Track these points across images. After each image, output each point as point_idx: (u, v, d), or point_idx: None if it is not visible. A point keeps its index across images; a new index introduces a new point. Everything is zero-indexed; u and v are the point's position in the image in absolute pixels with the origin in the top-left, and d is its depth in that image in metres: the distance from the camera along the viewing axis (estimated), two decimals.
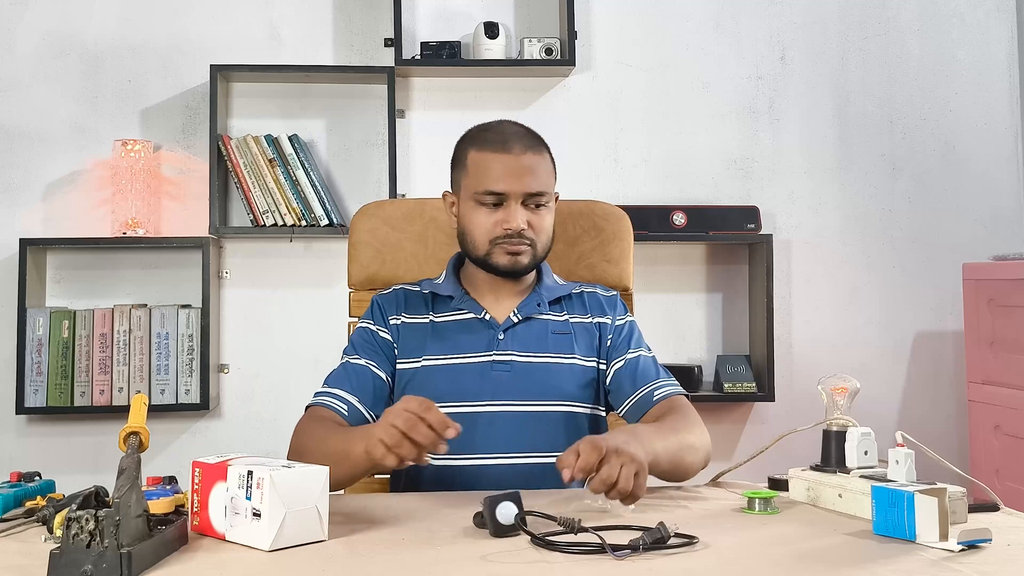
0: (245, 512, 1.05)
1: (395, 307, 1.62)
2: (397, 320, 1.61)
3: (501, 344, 1.56)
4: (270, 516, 1.03)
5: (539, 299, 1.61)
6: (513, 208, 1.53)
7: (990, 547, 1.05)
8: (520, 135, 1.56)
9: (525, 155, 1.53)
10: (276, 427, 2.87)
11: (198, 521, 1.09)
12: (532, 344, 1.58)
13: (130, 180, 2.73)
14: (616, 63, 2.99)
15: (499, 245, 1.54)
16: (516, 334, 1.58)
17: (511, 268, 1.56)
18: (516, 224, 1.52)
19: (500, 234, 1.53)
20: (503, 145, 1.54)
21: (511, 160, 1.53)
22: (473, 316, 1.59)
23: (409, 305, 1.62)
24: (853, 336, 3.02)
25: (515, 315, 1.59)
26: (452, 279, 1.63)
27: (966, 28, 3.08)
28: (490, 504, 1.08)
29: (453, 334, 1.58)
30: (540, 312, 1.60)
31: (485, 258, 1.56)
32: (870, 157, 3.05)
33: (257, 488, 1.04)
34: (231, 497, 1.06)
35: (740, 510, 1.25)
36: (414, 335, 1.59)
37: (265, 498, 1.03)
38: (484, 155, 1.55)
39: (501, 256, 1.55)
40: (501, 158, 1.53)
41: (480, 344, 1.57)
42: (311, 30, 2.92)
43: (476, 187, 1.54)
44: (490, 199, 1.53)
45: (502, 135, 1.56)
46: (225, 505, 1.07)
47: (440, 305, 1.62)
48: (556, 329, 1.60)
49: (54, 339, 2.67)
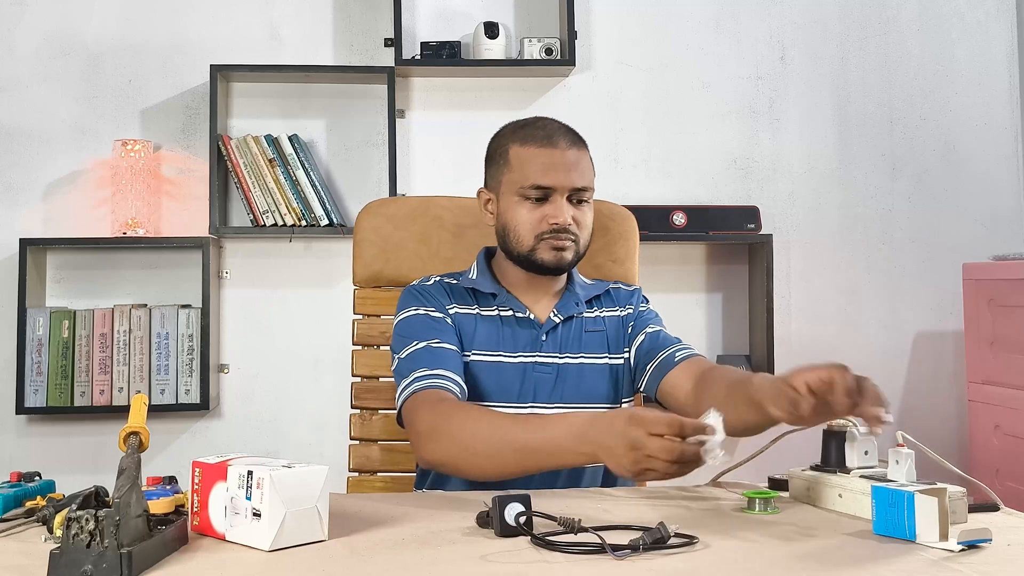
0: (245, 512, 1.04)
1: (446, 296, 1.58)
2: (453, 308, 1.57)
3: (544, 346, 1.56)
4: (270, 516, 1.02)
5: (576, 299, 1.61)
6: (559, 202, 1.51)
7: (990, 547, 1.05)
8: (564, 131, 1.56)
9: (570, 150, 1.53)
10: (276, 427, 2.88)
11: (198, 521, 1.09)
12: (570, 345, 1.58)
13: (130, 180, 2.73)
14: (616, 63, 2.99)
15: (545, 240, 1.52)
16: (556, 335, 1.58)
17: (556, 264, 1.53)
18: (563, 218, 1.51)
19: (546, 229, 1.52)
20: (548, 140, 1.53)
21: (557, 155, 1.52)
22: (517, 314, 1.58)
23: (455, 295, 1.59)
24: (853, 336, 3.01)
25: (555, 315, 1.58)
26: (489, 275, 1.61)
27: (966, 28, 3.09)
28: (499, 504, 1.08)
29: (498, 331, 1.57)
30: (579, 312, 1.60)
31: (529, 254, 1.53)
32: (870, 157, 3.05)
33: (257, 488, 1.03)
34: (231, 497, 1.06)
35: (740, 510, 1.25)
36: (466, 326, 1.56)
37: (265, 498, 1.03)
38: (529, 150, 1.53)
39: (546, 252, 1.52)
40: (547, 152, 1.52)
41: (524, 344, 1.56)
42: (311, 30, 2.92)
43: (521, 182, 1.52)
44: (535, 193, 1.51)
45: (546, 130, 1.55)
46: (225, 505, 1.07)
47: (483, 300, 1.59)
48: (590, 327, 1.60)
49: (54, 339, 2.67)
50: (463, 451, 1.33)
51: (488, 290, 1.59)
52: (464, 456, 1.33)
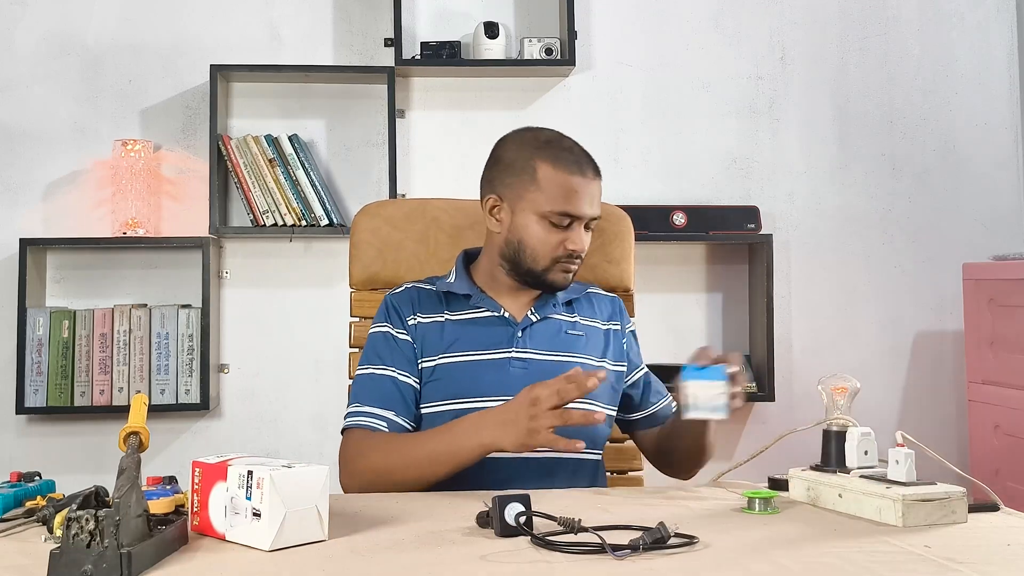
0: (245, 512, 1.04)
1: (410, 307, 1.62)
2: (414, 320, 1.60)
3: (520, 342, 1.58)
4: (270, 516, 1.03)
5: (554, 300, 1.64)
6: (579, 231, 1.56)
7: (990, 547, 1.05)
8: (588, 158, 1.59)
9: (596, 180, 1.57)
10: (276, 427, 2.88)
11: (198, 521, 1.09)
12: (548, 342, 1.59)
13: (130, 180, 2.73)
14: (616, 63, 2.99)
15: (560, 264, 1.56)
16: (533, 332, 1.59)
17: (564, 285, 1.60)
18: (582, 247, 1.56)
19: (563, 254, 1.55)
20: (579, 167, 1.55)
21: (586, 184, 1.55)
22: (491, 314, 1.60)
23: (423, 304, 1.62)
24: (853, 336, 3.02)
25: (532, 314, 1.61)
26: (465, 278, 1.64)
27: (966, 28, 3.08)
28: (499, 504, 1.08)
29: (471, 332, 1.58)
30: (555, 312, 1.63)
31: (542, 273, 1.57)
32: (870, 157, 3.05)
33: (257, 488, 1.04)
34: (231, 497, 1.06)
35: (740, 510, 1.25)
36: (431, 334, 1.59)
37: (265, 498, 1.03)
38: (561, 175, 1.54)
39: (558, 274, 1.57)
40: (579, 181, 1.54)
41: (499, 341, 1.58)
42: (311, 30, 2.92)
43: (551, 206, 1.53)
44: (563, 220, 1.54)
45: (574, 155, 1.57)
46: (225, 505, 1.07)
47: (455, 304, 1.62)
48: (568, 329, 1.63)
49: (54, 339, 2.67)
50: (377, 477, 1.45)
51: (463, 292, 1.62)
52: (381, 481, 1.44)
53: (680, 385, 1.34)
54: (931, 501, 1.14)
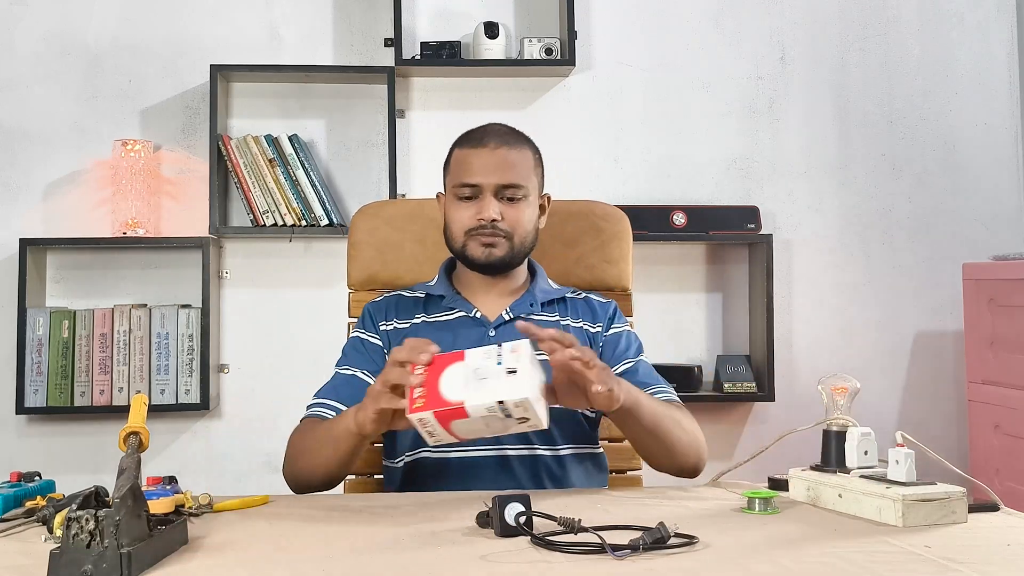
0: (496, 375, 1.17)
1: (385, 313, 1.65)
2: (388, 325, 1.63)
3: (491, 341, 1.56)
4: (527, 371, 1.16)
5: (532, 299, 1.63)
6: (487, 200, 1.57)
7: (990, 547, 1.05)
8: (499, 132, 1.62)
9: (499, 149, 1.59)
10: (276, 427, 2.87)
11: (423, 403, 1.17)
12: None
13: (130, 180, 2.73)
14: (616, 63, 2.99)
15: (474, 237, 1.58)
16: (507, 332, 1.58)
17: (486, 260, 1.58)
18: (488, 214, 1.56)
19: (474, 225, 1.58)
20: (480, 141, 1.60)
21: (485, 154, 1.58)
22: (464, 314, 1.61)
23: (401, 310, 1.65)
24: (853, 336, 3.02)
25: (507, 313, 1.61)
26: (444, 280, 1.67)
27: (966, 28, 3.08)
28: (499, 504, 1.08)
29: (443, 332, 1.59)
30: (532, 312, 1.62)
31: (462, 250, 1.60)
32: (870, 157, 3.05)
33: (512, 352, 1.19)
34: (474, 368, 1.18)
35: (740, 510, 1.25)
36: (404, 337, 1.58)
37: (522, 359, 1.18)
38: (463, 151, 1.61)
39: (476, 248, 1.58)
40: (476, 152, 1.59)
41: (471, 341, 1.56)
42: (311, 30, 2.92)
43: (454, 181, 1.60)
44: (466, 191, 1.58)
45: (481, 132, 1.63)
46: (465, 376, 1.17)
47: (432, 305, 1.64)
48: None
49: (54, 339, 2.67)
50: (294, 459, 1.47)
51: (437, 293, 1.64)
52: (298, 465, 1.46)
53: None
54: (931, 501, 1.14)
